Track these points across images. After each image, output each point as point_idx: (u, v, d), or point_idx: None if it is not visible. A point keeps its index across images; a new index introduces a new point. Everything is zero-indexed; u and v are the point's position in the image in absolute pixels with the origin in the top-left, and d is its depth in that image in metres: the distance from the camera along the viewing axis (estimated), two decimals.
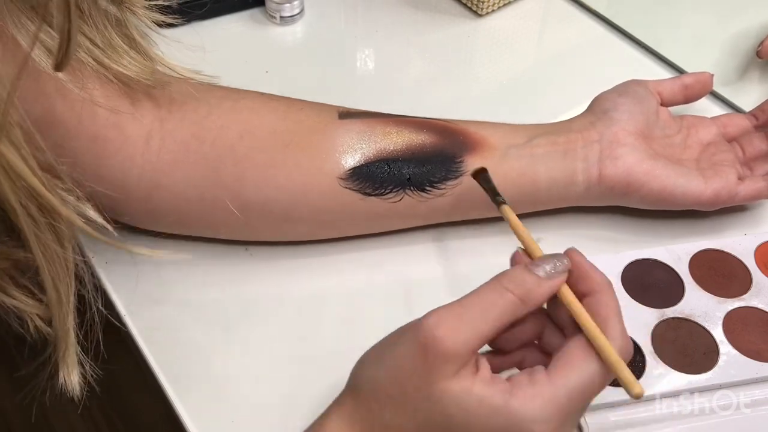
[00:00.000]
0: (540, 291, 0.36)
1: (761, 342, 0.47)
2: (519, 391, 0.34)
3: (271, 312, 0.50)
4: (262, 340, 0.49)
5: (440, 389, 0.34)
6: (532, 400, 0.34)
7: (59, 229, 0.36)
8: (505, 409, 0.34)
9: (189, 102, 0.47)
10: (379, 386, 0.36)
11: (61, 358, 0.39)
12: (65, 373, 0.40)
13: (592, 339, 0.35)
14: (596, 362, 0.35)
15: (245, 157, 0.47)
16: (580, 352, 0.35)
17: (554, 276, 0.37)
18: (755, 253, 0.52)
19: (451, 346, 0.34)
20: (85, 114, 0.44)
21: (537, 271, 0.37)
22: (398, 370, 0.35)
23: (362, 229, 0.52)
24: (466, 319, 0.35)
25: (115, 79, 0.44)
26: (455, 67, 0.67)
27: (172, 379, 0.47)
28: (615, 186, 0.51)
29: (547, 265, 0.37)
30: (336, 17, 0.71)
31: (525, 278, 0.36)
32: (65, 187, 0.38)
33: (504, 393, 0.34)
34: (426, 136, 0.50)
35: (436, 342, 0.34)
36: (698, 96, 0.57)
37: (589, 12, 0.71)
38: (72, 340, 0.39)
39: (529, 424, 0.34)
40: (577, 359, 0.35)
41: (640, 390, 0.34)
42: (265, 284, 0.52)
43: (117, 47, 0.43)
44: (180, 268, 0.51)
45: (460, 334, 0.34)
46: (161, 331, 0.49)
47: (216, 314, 0.50)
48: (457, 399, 0.34)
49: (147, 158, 0.46)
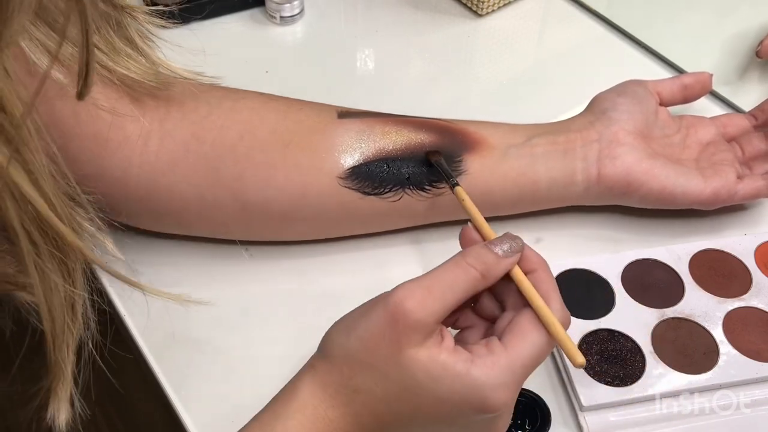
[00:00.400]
0: (498, 268, 0.39)
1: (761, 342, 0.47)
2: (479, 359, 0.37)
3: (271, 312, 0.50)
4: (262, 340, 0.49)
5: (408, 356, 0.37)
6: (492, 368, 0.37)
7: (64, 260, 0.36)
8: (467, 375, 0.37)
9: (188, 102, 0.48)
10: (350, 352, 0.38)
11: (53, 390, 0.39)
12: (54, 408, 0.39)
13: (541, 314, 0.38)
14: (544, 334, 0.38)
15: (245, 157, 0.47)
16: (530, 325, 0.38)
17: (511, 255, 0.40)
18: (755, 253, 0.52)
19: (419, 317, 0.37)
20: (84, 114, 0.44)
21: (496, 249, 0.40)
22: (369, 338, 0.38)
23: (362, 228, 0.52)
24: (434, 293, 0.37)
25: (119, 82, 0.44)
26: (455, 67, 0.67)
27: (172, 379, 0.47)
28: (614, 185, 0.51)
29: (504, 244, 0.40)
30: (336, 17, 0.71)
31: (486, 256, 0.39)
32: (87, 217, 0.38)
33: (466, 362, 0.37)
34: (425, 135, 0.50)
35: (405, 313, 0.37)
36: (697, 96, 0.57)
37: (589, 12, 0.71)
38: (67, 376, 0.38)
39: (489, 389, 0.37)
40: (528, 331, 0.38)
41: (582, 360, 0.38)
42: (265, 284, 0.52)
43: (119, 50, 0.43)
44: (180, 269, 0.51)
45: (428, 306, 0.37)
46: (161, 331, 0.49)
47: (216, 314, 0.50)
48: (424, 365, 0.37)
49: (146, 158, 0.46)
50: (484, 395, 0.37)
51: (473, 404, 0.37)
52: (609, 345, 0.47)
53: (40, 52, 0.39)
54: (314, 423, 0.38)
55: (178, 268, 0.51)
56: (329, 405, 0.38)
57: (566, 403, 0.46)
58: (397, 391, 0.37)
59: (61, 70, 0.39)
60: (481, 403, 0.37)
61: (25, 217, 0.33)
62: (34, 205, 0.33)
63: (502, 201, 0.51)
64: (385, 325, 0.37)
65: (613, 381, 0.45)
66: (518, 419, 0.44)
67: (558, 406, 0.46)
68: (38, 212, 0.33)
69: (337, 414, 0.38)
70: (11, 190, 0.32)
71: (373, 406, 0.38)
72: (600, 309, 0.49)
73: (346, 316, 0.40)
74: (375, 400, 0.38)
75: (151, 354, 0.48)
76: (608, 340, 0.47)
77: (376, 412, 0.38)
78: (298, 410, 0.38)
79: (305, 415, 0.38)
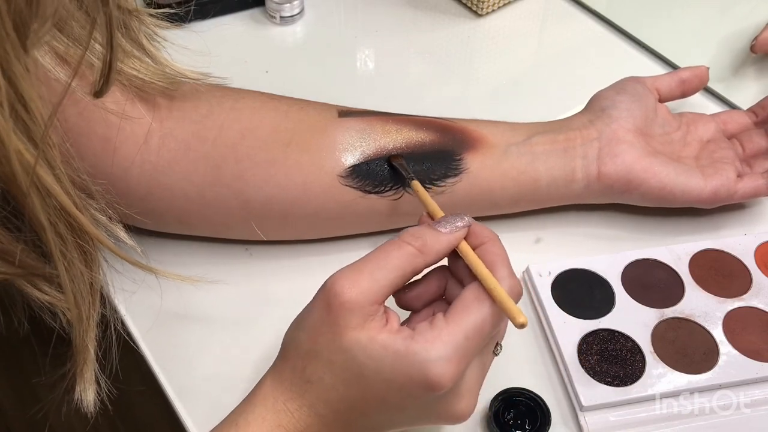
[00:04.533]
0: (439, 243, 0.39)
1: (761, 342, 0.47)
2: (419, 335, 0.37)
3: (271, 312, 0.50)
4: (262, 340, 0.49)
5: (348, 339, 0.37)
6: (433, 342, 0.36)
7: (86, 248, 0.37)
8: (407, 351, 0.36)
9: (189, 101, 0.48)
10: (299, 345, 0.39)
11: (78, 374, 0.40)
12: (81, 389, 0.41)
13: (483, 281, 0.38)
14: (488, 303, 0.37)
15: (246, 156, 0.47)
16: (473, 296, 0.38)
17: (454, 231, 0.40)
18: (755, 253, 0.52)
19: (351, 297, 0.37)
20: (88, 114, 0.44)
21: (438, 227, 0.40)
22: (311, 327, 0.38)
23: (362, 227, 0.52)
24: (365, 272, 0.37)
25: (127, 83, 0.44)
26: (455, 67, 0.67)
27: (172, 379, 0.47)
28: (614, 183, 0.51)
29: (447, 221, 0.40)
30: (336, 17, 0.71)
31: (423, 232, 0.39)
32: (98, 208, 0.39)
33: (406, 338, 0.36)
34: (425, 134, 0.50)
35: (337, 294, 0.37)
36: (695, 89, 0.57)
37: (588, 12, 0.71)
38: (91, 357, 0.40)
39: (431, 363, 0.36)
40: (471, 302, 0.37)
41: (524, 319, 0.36)
42: (265, 284, 0.52)
43: (127, 52, 0.43)
44: (180, 268, 0.51)
45: (358, 284, 0.37)
46: (161, 330, 0.49)
47: (216, 314, 0.50)
48: (363, 347, 0.36)
49: (146, 157, 0.46)
50: (426, 369, 0.36)
51: (417, 381, 0.36)
52: (609, 345, 0.47)
53: (50, 56, 0.39)
54: (275, 414, 0.38)
55: (178, 267, 0.51)
56: (287, 398, 0.38)
57: (566, 403, 0.46)
58: (345, 377, 0.37)
59: (67, 71, 0.39)
60: (423, 378, 0.36)
61: (51, 210, 0.34)
62: (58, 199, 0.34)
63: (503, 199, 0.51)
64: (323, 310, 0.37)
65: (613, 381, 0.45)
66: (518, 419, 0.44)
67: (558, 406, 0.46)
68: (62, 205, 0.34)
69: (295, 406, 0.38)
70: (38, 186, 0.33)
71: (325, 396, 0.38)
72: (600, 309, 0.49)
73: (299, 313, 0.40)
74: (326, 389, 0.38)
75: (151, 354, 0.48)
76: (608, 340, 0.47)
77: (330, 401, 0.38)
78: (260, 403, 0.39)
79: (266, 407, 0.38)
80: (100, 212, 0.39)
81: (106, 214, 0.40)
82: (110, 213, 0.40)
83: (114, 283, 0.49)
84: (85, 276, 0.37)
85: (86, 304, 0.38)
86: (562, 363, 0.46)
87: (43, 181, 0.33)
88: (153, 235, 0.52)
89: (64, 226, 0.35)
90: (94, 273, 0.38)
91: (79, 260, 0.37)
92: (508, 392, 0.45)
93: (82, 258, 0.37)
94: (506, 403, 0.44)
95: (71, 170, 0.36)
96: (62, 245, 0.35)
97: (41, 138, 0.32)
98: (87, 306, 0.38)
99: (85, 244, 0.37)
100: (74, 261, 0.36)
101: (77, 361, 0.40)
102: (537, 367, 0.48)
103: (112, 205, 0.40)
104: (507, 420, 0.44)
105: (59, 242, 0.35)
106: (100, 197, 0.39)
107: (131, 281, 0.47)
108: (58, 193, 0.34)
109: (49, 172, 0.33)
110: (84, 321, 0.39)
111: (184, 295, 0.50)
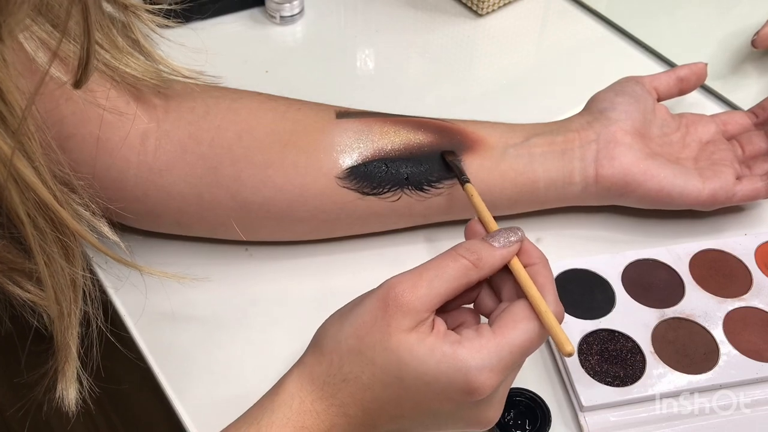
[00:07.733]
0: (493, 258, 0.40)
1: (761, 342, 0.47)
2: (467, 342, 0.37)
3: (271, 312, 0.50)
4: (262, 340, 0.49)
5: (397, 340, 0.37)
6: (479, 351, 0.37)
7: (67, 243, 0.37)
8: (453, 356, 0.37)
9: (186, 102, 0.48)
10: (341, 341, 0.39)
11: (60, 371, 0.40)
12: (63, 387, 0.40)
13: (534, 303, 0.39)
14: (537, 324, 0.38)
15: (243, 157, 0.47)
16: (524, 315, 0.38)
17: (508, 246, 0.40)
18: (755, 253, 0.52)
19: (408, 300, 0.37)
20: (83, 114, 0.44)
21: (492, 241, 0.40)
22: (360, 324, 0.38)
23: (361, 228, 0.52)
24: (424, 278, 0.38)
25: (120, 79, 0.44)
26: (455, 67, 0.67)
27: (172, 379, 0.47)
28: (612, 186, 0.51)
29: (501, 236, 0.41)
30: (336, 17, 0.71)
31: (479, 247, 0.40)
32: (81, 202, 0.39)
33: (453, 343, 0.37)
34: (424, 135, 0.50)
35: (396, 297, 0.37)
36: (693, 87, 0.57)
37: (588, 11, 0.71)
38: (73, 355, 0.40)
39: (474, 370, 0.37)
40: (521, 320, 0.38)
41: (572, 348, 0.38)
42: (265, 284, 0.52)
43: (122, 49, 0.43)
44: (179, 268, 0.51)
45: (417, 290, 0.38)
46: (161, 330, 0.49)
47: (216, 314, 0.50)
48: (410, 347, 0.37)
49: (143, 159, 0.46)
50: (470, 375, 0.37)
51: (458, 385, 0.37)
52: (609, 345, 0.47)
53: (42, 51, 0.39)
54: (300, 415, 0.38)
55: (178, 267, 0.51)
56: (316, 397, 0.38)
57: (566, 403, 0.46)
58: (383, 378, 0.37)
59: (64, 69, 0.39)
60: (465, 383, 0.37)
61: (29, 204, 0.34)
62: (37, 193, 0.34)
63: (501, 201, 0.51)
64: (377, 310, 0.38)
65: (614, 381, 0.45)
66: (518, 419, 0.44)
67: (558, 406, 0.46)
68: (41, 199, 0.34)
69: (324, 406, 0.38)
70: (15, 179, 0.32)
71: (359, 395, 0.38)
72: (600, 309, 0.49)
73: (339, 310, 0.40)
74: (361, 388, 0.38)
75: (151, 354, 0.48)
76: (608, 340, 0.47)
77: (363, 401, 0.38)
78: (284, 403, 0.38)
79: (291, 408, 0.38)
80: (83, 207, 0.39)
81: (90, 209, 0.40)
82: (93, 208, 0.40)
83: (109, 282, 0.49)
84: (66, 272, 0.37)
85: (67, 300, 0.38)
86: (563, 363, 0.46)
87: (21, 174, 0.32)
88: (153, 236, 0.52)
89: (44, 221, 0.35)
90: (76, 269, 0.38)
91: (59, 255, 0.36)
92: (509, 392, 0.45)
93: (62, 253, 0.37)
94: (506, 404, 0.44)
95: (52, 163, 0.36)
96: (42, 240, 0.35)
97: (18, 128, 0.31)
98: (68, 302, 0.38)
99: (66, 239, 0.36)
100: (54, 256, 0.36)
101: (59, 358, 0.40)
102: (537, 367, 0.48)
103: (95, 200, 0.40)
104: (507, 420, 0.44)
105: (39, 237, 0.35)
106: (82, 191, 0.39)
107: (131, 283, 0.47)
108: (37, 186, 0.33)
109: (27, 165, 0.33)
110: (65, 318, 0.38)
111: (184, 295, 0.50)
